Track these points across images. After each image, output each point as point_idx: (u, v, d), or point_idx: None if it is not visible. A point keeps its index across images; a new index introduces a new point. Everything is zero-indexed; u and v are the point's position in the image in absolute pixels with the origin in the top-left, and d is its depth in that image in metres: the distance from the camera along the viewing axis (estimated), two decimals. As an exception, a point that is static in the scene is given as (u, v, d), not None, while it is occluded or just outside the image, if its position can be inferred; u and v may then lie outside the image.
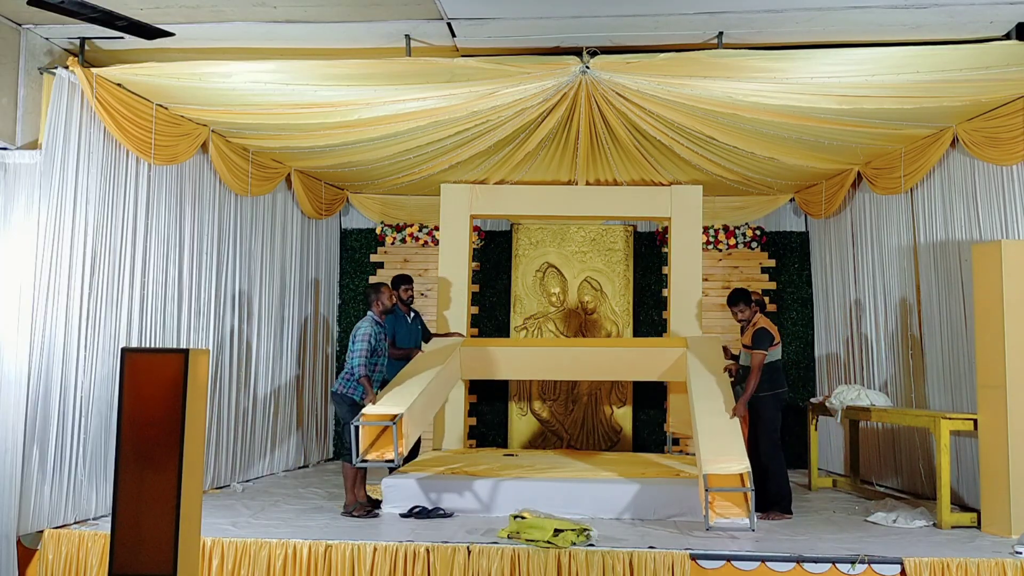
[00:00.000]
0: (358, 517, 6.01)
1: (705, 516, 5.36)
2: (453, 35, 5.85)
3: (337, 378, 6.46)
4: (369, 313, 6.36)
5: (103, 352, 5.91)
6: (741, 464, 5.45)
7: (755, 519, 5.44)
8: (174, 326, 6.71)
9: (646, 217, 9.13)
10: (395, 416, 5.76)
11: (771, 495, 6.22)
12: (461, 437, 8.51)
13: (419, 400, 6.14)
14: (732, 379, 6.69)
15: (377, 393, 6.14)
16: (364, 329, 6.20)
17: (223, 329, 7.44)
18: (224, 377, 7.42)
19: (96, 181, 5.86)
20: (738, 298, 6.52)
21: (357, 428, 5.77)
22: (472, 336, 9.00)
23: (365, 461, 5.74)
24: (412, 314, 7.46)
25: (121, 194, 6.13)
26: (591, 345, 8.44)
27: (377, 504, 6.26)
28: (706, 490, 5.37)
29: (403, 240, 9.71)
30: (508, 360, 7.89)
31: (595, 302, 9.41)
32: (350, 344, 6.23)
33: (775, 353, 6.35)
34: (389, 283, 6.91)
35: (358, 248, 9.87)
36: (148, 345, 6.30)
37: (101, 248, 5.92)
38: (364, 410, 5.95)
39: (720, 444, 5.71)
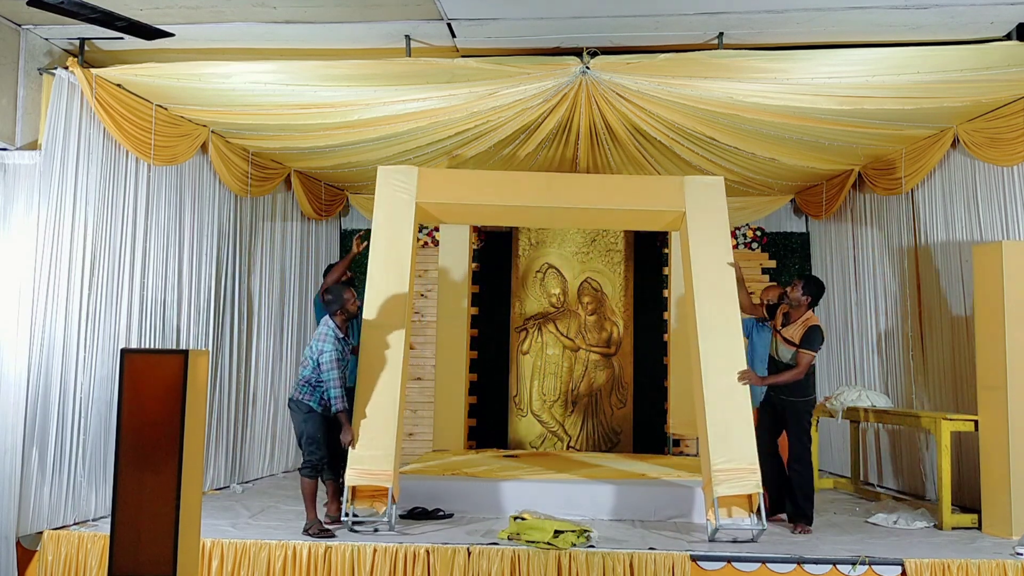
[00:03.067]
0: (314, 536, 5.36)
1: (713, 527, 5.40)
2: (453, 35, 5.84)
3: (294, 385, 5.76)
4: (329, 326, 5.64)
5: (103, 352, 5.90)
6: (752, 481, 5.44)
7: (758, 532, 5.45)
8: (174, 326, 6.70)
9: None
10: (388, 492, 5.52)
11: (800, 507, 5.91)
12: (461, 438, 8.50)
13: (397, 441, 5.71)
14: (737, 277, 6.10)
15: (352, 409, 5.65)
16: (329, 353, 5.49)
17: (223, 329, 7.43)
18: (224, 377, 7.41)
19: (96, 182, 5.85)
20: (808, 282, 6.00)
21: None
22: (472, 333, 9.01)
23: (354, 517, 5.48)
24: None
25: (121, 195, 6.12)
26: (572, 186, 6.98)
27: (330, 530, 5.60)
28: (718, 523, 5.39)
29: (403, 241, 9.69)
30: (478, 208, 6.91)
31: (595, 303, 9.40)
32: (316, 364, 5.56)
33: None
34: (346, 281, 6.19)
35: (358, 249, 9.85)
36: (148, 345, 6.29)
37: (101, 248, 5.92)
38: (347, 478, 5.51)
39: (730, 439, 5.58)
